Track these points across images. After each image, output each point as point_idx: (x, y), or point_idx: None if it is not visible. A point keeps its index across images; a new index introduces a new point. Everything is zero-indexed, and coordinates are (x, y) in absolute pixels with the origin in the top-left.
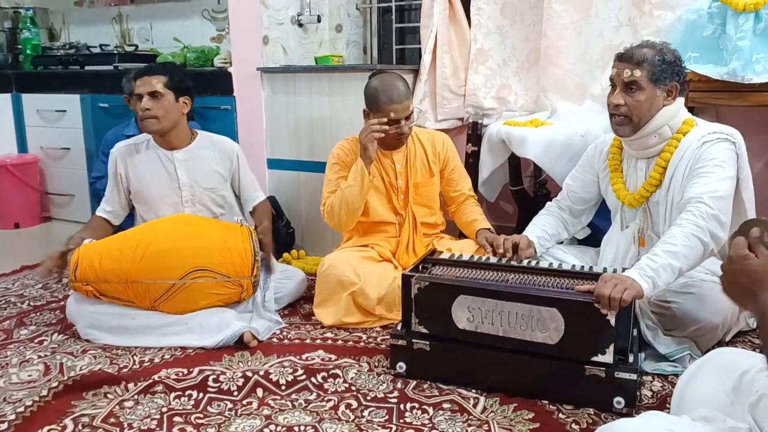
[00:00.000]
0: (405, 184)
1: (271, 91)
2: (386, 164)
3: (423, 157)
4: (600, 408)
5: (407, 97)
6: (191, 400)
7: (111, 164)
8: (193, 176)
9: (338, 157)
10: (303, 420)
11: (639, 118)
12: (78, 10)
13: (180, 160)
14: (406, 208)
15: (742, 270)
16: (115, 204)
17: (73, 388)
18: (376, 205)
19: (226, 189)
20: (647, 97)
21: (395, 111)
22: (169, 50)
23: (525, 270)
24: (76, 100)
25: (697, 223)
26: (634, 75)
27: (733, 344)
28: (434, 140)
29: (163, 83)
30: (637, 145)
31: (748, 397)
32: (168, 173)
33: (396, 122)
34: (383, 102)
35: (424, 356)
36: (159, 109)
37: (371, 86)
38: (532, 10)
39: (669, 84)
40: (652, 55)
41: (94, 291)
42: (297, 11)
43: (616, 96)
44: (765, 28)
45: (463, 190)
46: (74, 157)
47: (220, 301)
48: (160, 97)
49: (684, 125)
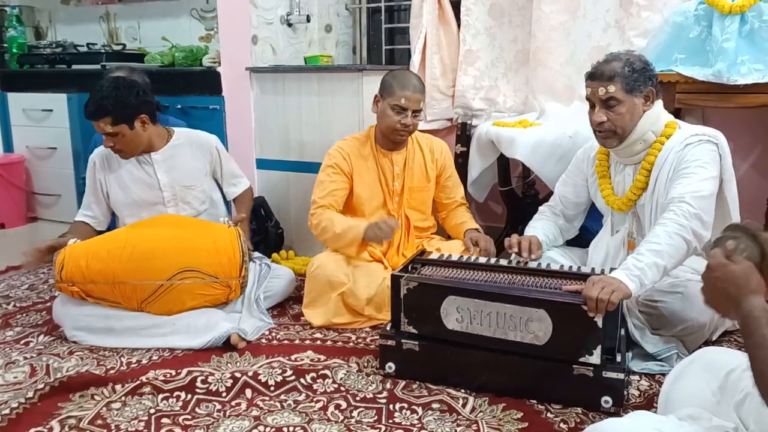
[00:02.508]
0: (401, 187)
1: (260, 91)
2: (384, 165)
3: (421, 162)
4: (588, 407)
5: (421, 92)
6: (179, 401)
7: (90, 170)
8: (173, 175)
9: (334, 160)
10: (292, 421)
11: (623, 130)
12: (65, 8)
13: (159, 161)
14: (399, 210)
15: (723, 277)
16: (95, 210)
17: (59, 390)
18: (371, 206)
19: (207, 183)
20: (627, 108)
21: (407, 98)
22: (157, 49)
23: (514, 270)
24: (63, 99)
25: (680, 222)
26: (609, 91)
27: (719, 343)
28: (433, 146)
29: (110, 123)
30: (624, 153)
31: (734, 396)
32: (147, 175)
33: (403, 110)
34: (397, 87)
35: (413, 356)
36: (121, 143)
37: (389, 75)
38: (520, 11)
39: (645, 90)
40: (620, 67)
41: (80, 292)
42: (286, 11)
43: (598, 114)
44: (751, 30)
45: (456, 198)
46: (61, 156)
47: (208, 302)
48: (116, 134)
49: (667, 128)
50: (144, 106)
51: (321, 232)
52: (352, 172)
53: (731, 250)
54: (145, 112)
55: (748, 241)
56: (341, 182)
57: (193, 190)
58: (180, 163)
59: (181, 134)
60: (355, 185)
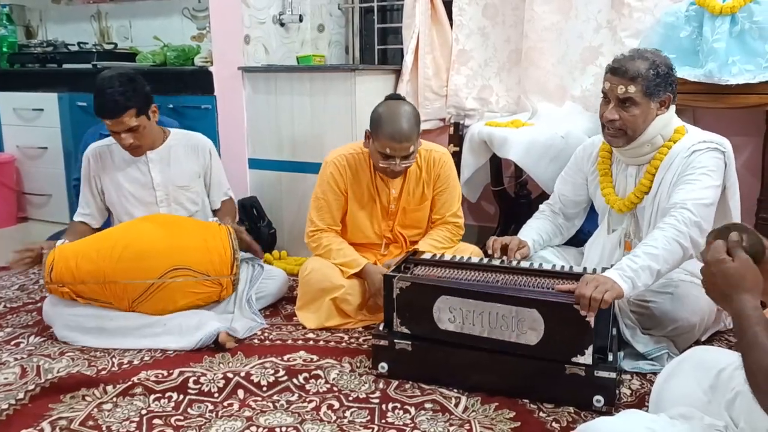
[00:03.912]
0: (396, 209)
1: (252, 91)
2: (381, 187)
3: (417, 182)
4: (580, 406)
5: (408, 139)
6: (171, 402)
7: (84, 166)
8: (167, 175)
9: (330, 177)
10: (284, 421)
11: (634, 131)
12: (56, 7)
13: (154, 160)
14: (392, 231)
15: (718, 273)
16: (91, 207)
17: (50, 391)
18: (365, 228)
19: (200, 185)
20: (642, 111)
21: (392, 149)
22: (148, 49)
23: (507, 270)
24: (54, 98)
25: (679, 228)
26: (629, 91)
27: (709, 344)
28: (431, 158)
29: (134, 115)
30: (630, 154)
31: (725, 394)
32: (141, 173)
33: (390, 157)
34: (383, 133)
35: (406, 356)
36: (141, 137)
37: (378, 111)
38: (514, 11)
39: (663, 96)
40: (645, 69)
41: (71, 293)
42: (279, 10)
43: (611, 111)
44: (741, 30)
45: (444, 215)
46: (52, 156)
47: (200, 300)
48: (137, 127)
49: (675, 133)
50: (152, 97)
51: (319, 252)
52: (348, 189)
53: (735, 242)
54: (153, 102)
55: (753, 236)
56: (337, 202)
57: (187, 191)
58: (174, 163)
59: (177, 134)
60: (349, 202)
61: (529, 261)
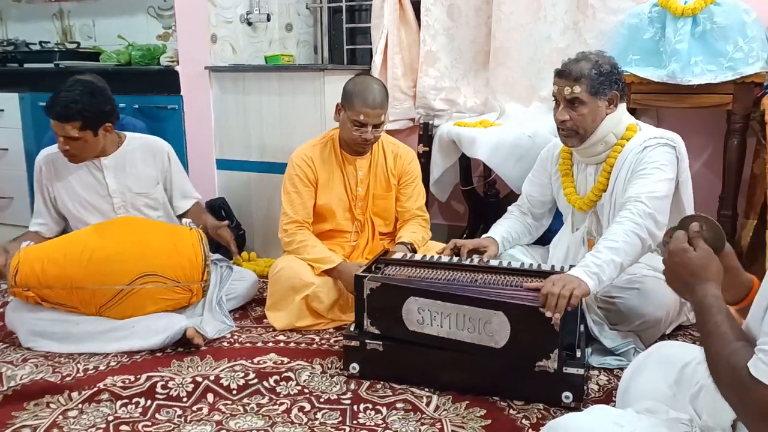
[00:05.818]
0: (365, 192)
1: (219, 91)
2: (349, 171)
3: (384, 168)
4: (549, 403)
5: (381, 106)
6: (138, 407)
7: (36, 174)
8: (124, 182)
9: (299, 170)
10: (255, 424)
11: (585, 130)
12: (16, 5)
13: (108, 167)
14: (364, 215)
15: (680, 263)
16: (45, 216)
17: (13, 399)
18: (337, 212)
19: (158, 191)
20: (590, 110)
21: (365, 114)
22: (113, 48)
23: (476, 269)
24: (15, 98)
25: (635, 220)
26: (575, 91)
27: (674, 337)
28: (398, 153)
29: (77, 128)
30: (585, 153)
31: (689, 388)
32: (96, 180)
33: (363, 125)
34: (356, 101)
35: (377, 357)
36: (78, 148)
37: (350, 83)
38: (477, 12)
39: (609, 94)
40: (588, 68)
41: (36, 297)
42: (246, 9)
43: (561, 112)
44: (703, 31)
45: (410, 209)
46: (13, 158)
47: (169, 307)
48: (77, 139)
49: (627, 131)
50: (112, 116)
51: (291, 251)
52: (317, 179)
53: (696, 232)
54: (111, 121)
55: (714, 226)
56: (308, 192)
57: (145, 198)
58: (131, 169)
59: (133, 139)
60: (319, 192)
61: (498, 259)
